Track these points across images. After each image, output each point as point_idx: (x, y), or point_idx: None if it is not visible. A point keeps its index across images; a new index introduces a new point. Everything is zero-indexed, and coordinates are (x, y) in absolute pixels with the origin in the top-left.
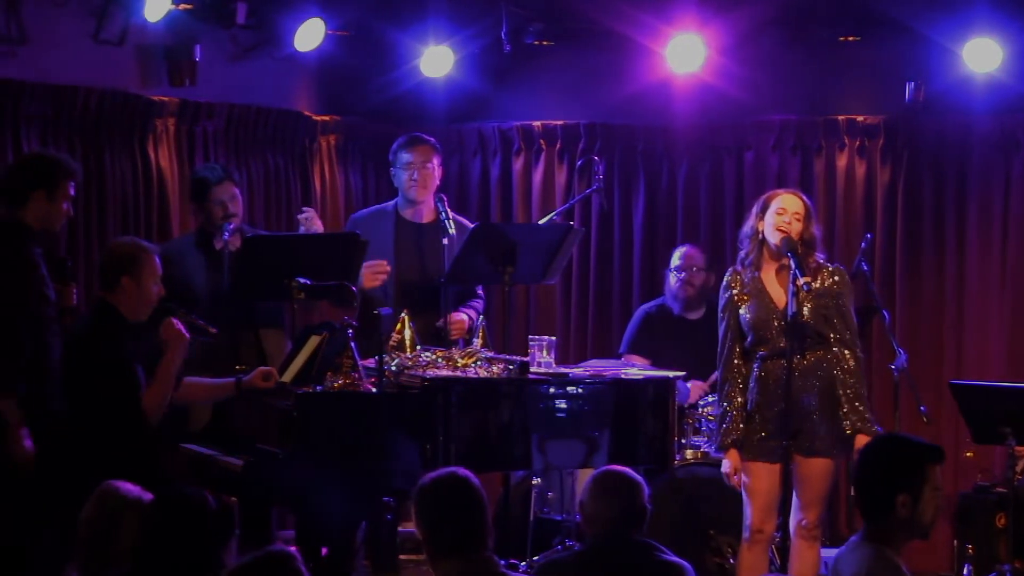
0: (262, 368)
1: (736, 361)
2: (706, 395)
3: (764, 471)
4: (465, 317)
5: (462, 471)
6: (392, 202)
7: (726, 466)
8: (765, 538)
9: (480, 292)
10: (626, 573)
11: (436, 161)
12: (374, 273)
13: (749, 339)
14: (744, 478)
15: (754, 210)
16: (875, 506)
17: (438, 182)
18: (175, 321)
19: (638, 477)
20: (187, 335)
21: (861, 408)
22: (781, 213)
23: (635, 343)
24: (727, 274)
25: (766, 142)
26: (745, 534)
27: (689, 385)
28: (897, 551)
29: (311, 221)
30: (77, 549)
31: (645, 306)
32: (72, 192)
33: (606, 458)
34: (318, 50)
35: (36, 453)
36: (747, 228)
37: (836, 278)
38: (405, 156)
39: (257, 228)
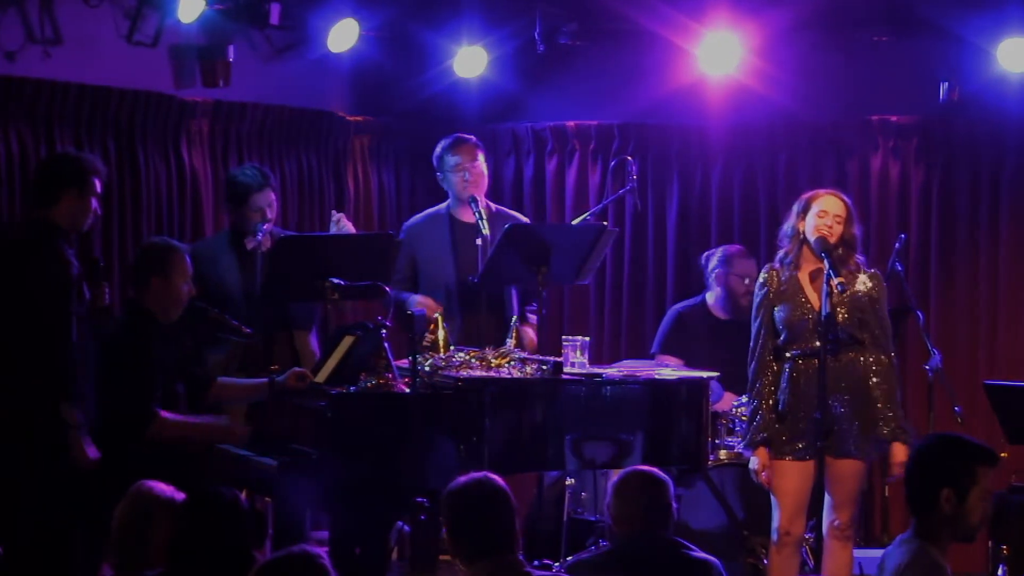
0: (296, 369)
1: (768, 358)
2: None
3: (794, 470)
4: (533, 336)
5: (490, 476)
6: (444, 205)
7: (754, 463)
8: (793, 540)
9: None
10: (655, 571)
11: (482, 157)
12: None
13: (783, 337)
14: (773, 478)
15: (795, 209)
16: (920, 500)
17: (487, 178)
18: (238, 431)
19: (663, 475)
20: (242, 437)
21: (894, 414)
22: (823, 216)
23: (667, 343)
24: (763, 272)
25: (800, 143)
26: (774, 536)
27: (724, 393)
28: (942, 550)
29: (342, 223)
30: (110, 548)
31: (678, 306)
32: (100, 190)
33: (639, 459)
34: (352, 51)
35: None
36: (787, 227)
37: (873, 282)
38: (452, 159)
39: (287, 230)
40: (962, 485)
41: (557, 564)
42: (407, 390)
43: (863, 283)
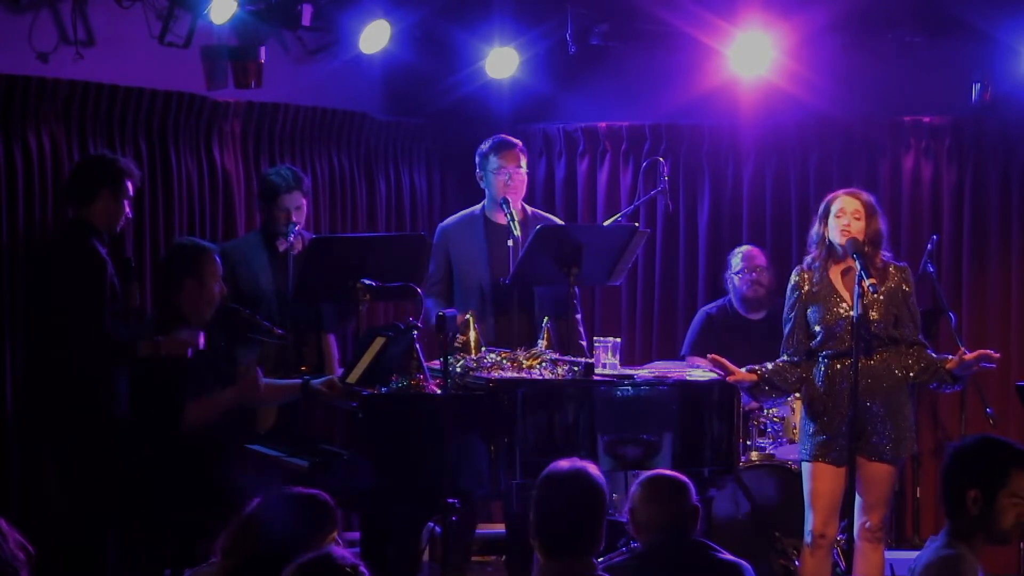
0: (331, 377)
1: (801, 346)
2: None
3: (828, 473)
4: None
5: (591, 468)
6: (479, 206)
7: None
8: (827, 542)
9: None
10: (684, 573)
11: (525, 163)
12: None
13: (818, 338)
14: (807, 482)
15: (819, 213)
16: (948, 499)
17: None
18: (259, 374)
19: (684, 478)
20: (261, 388)
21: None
22: (840, 215)
23: (697, 345)
24: (795, 273)
25: (832, 144)
26: (807, 539)
27: None
28: (975, 552)
29: None
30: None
31: (706, 307)
32: (132, 193)
33: (670, 460)
34: (383, 52)
35: (110, 449)
36: (813, 233)
37: (903, 276)
38: (496, 161)
39: (317, 232)
40: (990, 486)
41: None
42: (438, 391)
43: (894, 277)
